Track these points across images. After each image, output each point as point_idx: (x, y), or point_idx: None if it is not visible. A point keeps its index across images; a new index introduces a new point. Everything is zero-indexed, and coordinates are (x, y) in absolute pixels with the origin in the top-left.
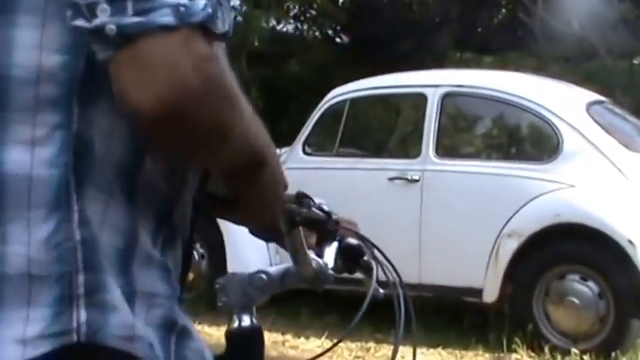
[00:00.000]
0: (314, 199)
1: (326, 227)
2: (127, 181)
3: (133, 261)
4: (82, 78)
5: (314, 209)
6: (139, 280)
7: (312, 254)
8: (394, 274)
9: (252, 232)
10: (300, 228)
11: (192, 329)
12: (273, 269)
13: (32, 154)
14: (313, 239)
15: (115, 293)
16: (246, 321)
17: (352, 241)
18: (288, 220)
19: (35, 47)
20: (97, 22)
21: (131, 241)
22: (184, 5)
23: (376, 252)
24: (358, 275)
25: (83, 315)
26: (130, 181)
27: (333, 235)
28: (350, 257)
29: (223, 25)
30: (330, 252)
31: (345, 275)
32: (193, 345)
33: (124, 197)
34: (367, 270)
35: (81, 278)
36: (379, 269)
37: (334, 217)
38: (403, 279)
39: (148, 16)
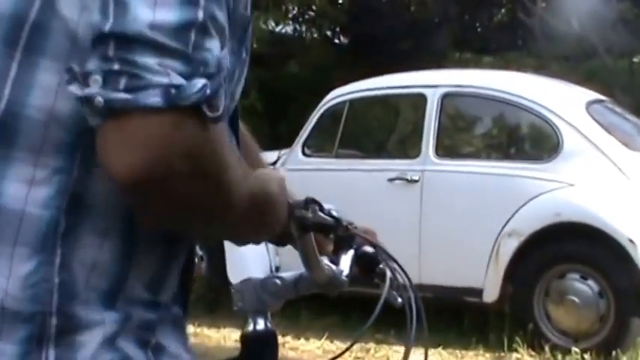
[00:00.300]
0: (323, 204)
1: (336, 233)
2: (125, 227)
3: (119, 298)
4: (89, 127)
5: (323, 215)
6: (122, 311)
7: (325, 260)
8: (407, 283)
9: None
10: (312, 234)
11: (168, 346)
12: (287, 275)
13: (28, 193)
14: (331, 247)
15: (84, 332)
16: (260, 325)
17: (368, 249)
18: (299, 226)
19: (52, 91)
20: (87, 91)
21: (119, 284)
22: (177, 87)
23: (390, 260)
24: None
25: (52, 355)
26: (131, 226)
27: (350, 244)
28: (366, 265)
29: (221, 104)
30: (346, 260)
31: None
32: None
33: (120, 243)
34: (383, 278)
35: (54, 320)
36: (394, 276)
37: (344, 222)
38: None
39: (136, 94)
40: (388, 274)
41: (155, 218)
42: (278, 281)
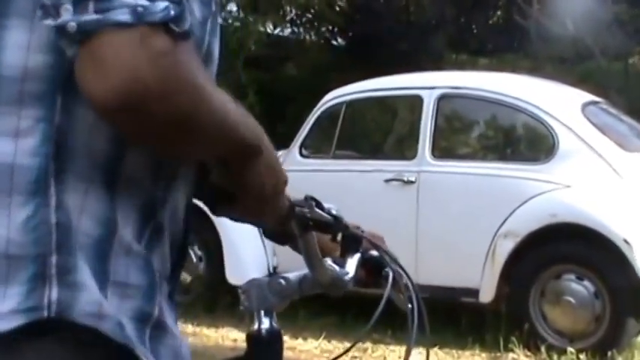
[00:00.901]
0: (323, 203)
1: (336, 232)
2: (108, 173)
3: (110, 250)
4: (65, 75)
5: (321, 212)
6: (113, 270)
7: (329, 261)
8: (411, 286)
9: (266, 235)
10: (313, 233)
11: (169, 325)
12: (291, 275)
13: (16, 145)
14: (338, 250)
15: (85, 274)
16: (266, 324)
17: (375, 253)
18: (300, 224)
19: (23, 48)
20: (59, 20)
21: (109, 231)
22: (142, 6)
23: (394, 263)
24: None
25: (54, 293)
26: (111, 173)
27: (357, 247)
28: (372, 268)
29: (186, 24)
30: (353, 262)
31: None
32: (168, 341)
33: (105, 188)
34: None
35: (54, 259)
36: (398, 279)
37: (344, 221)
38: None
39: (106, 14)
40: (391, 276)
41: (133, 136)
42: (283, 281)
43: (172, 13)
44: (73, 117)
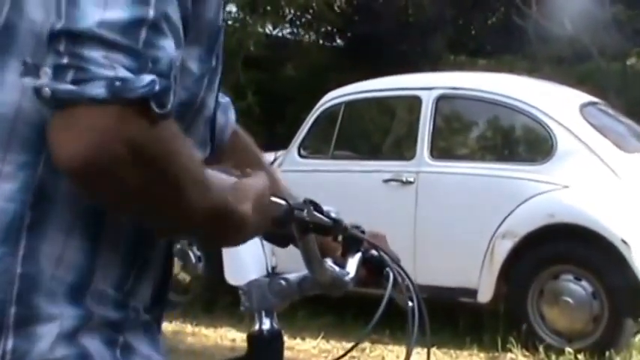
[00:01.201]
0: (322, 206)
1: (337, 234)
2: (91, 226)
3: (86, 294)
4: None
5: (320, 215)
6: (91, 308)
7: (329, 262)
8: (411, 286)
9: (265, 237)
10: (313, 235)
11: (138, 348)
12: (292, 275)
13: None
14: (339, 250)
15: (44, 325)
16: (266, 325)
17: (376, 253)
18: (299, 227)
19: (18, 89)
20: (37, 83)
21: (86, 278)
22: (122, 79)
23: (394, 263)
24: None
25: (10, 343)
26: (94, 225)
27: (357, 247)
28: (373, 268)
29: (169, 102)
30: (353, 262)
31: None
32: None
33: (86, 239)
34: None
35: (12, 310)
36: (397, 279)
37: (344, 223)
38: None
39: (81, 86)
40: (391, 276)
41: (111, 206)
42: (283, 282)
43: (157, 88)
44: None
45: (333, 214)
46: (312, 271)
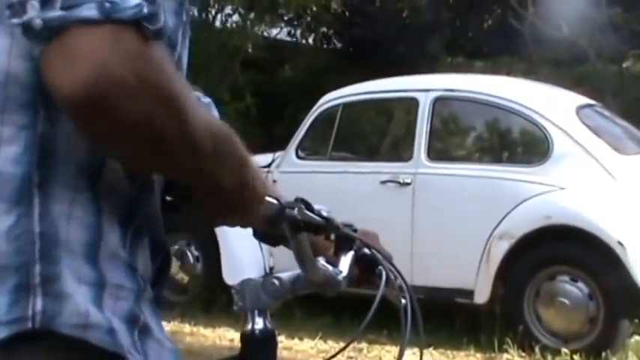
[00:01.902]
0: (313, 205)
1: (328, 232)
2: (92, 180)
3: (99, 255)
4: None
5: (311, 214)
6: (107, 273)
7: (321, 261)
8: (404, 285)
9: (256, 236)
10: (305, 234)
11: (153, 329)
12: (285, 275)
13: None
14: (332, 249)
15: (71, 284)
16: (260, 324)
17: (368, 251)
18: (291, 226)
19: (5, 53)
20: (25, 17)
21: (97, 236)
22: (111, 1)
23: (386, 261)
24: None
25: (39, 303)
26: (94, 180)
27: (350, 245)
28: (366, 267)
29: (159, 23)
30: (346, 261)
31: None
32: (153, 345)
33: (90, 195)
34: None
35: (37, 269)
36: (390, 278)
37: (335, 222)
38: None
39: (72, 10)
40: (384, 274)
41: (99, 137)
42: (276, 281)
43: (145, 11)
44: (57, 125)
45: (324, 213)
46: (304, 270)
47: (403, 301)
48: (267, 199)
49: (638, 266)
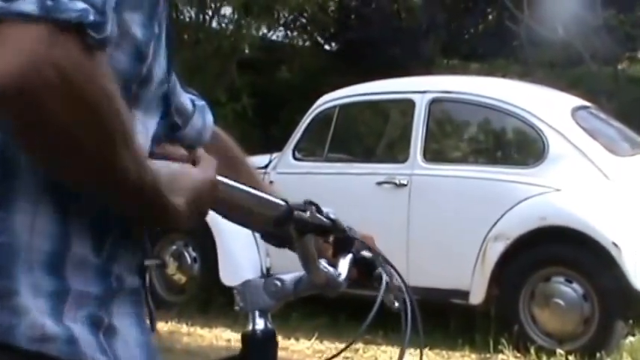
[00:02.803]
0: (321, 207)
1: (335, 235)
2: (56, 190)
3: (64, 263)
4: None
5: (321, 217)
6: (72, 281)
7: (323, 262)
8: (403, 286)
9: (264, 238)
10: (311, 236)
11: (120, 328)
12: (287, 276)
13: None
14: (330, 251)
15: (28, 296)
16: (260, 325)
17: (366, 253)
18: (298, 228)
19: None
20: None
21: (62, 246)
22: (54, 0)
23: (385, 263)
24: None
25: None
26: (60, 191)
27: (348, 248)
28: (364, 269)
29: (104, 33)
30: (345, 263)
31: None
32: (120, 344)
33: (54, 205)
34: (380, 281)
35: None
36: (389, 280)
37: (342, 225)
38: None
39: (11, 3)
40: (384, 277)
41: (34, 148)
42: (278, 282)
43: (91, 18)
44: None
45: (332, 215)
46: (308, 271)
47: (396, 304)
48: (275, 200)
49: (633, 267)
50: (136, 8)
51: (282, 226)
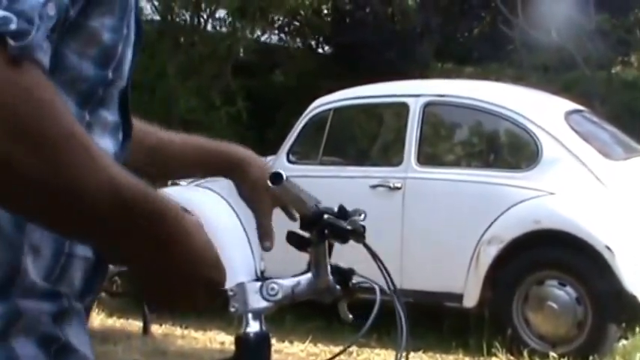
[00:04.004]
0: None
1: (356, 241)
2: (13, 223)
3: (13, 289)
4: None
5: (344, 223)
6: (21, 305)
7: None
8: (392, 287)
9: (289, 241)
10: (327, 242)
11: (76, 346)
12: (285, 280)
13: None
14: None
15: None
16: (255, 327)
17: (340, 264)
18: (323, 232)
19: None
20: None
21: (12, 273)
22: None
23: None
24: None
25: None
26: (16, 222)
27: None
28: (340, 278)
29: (36, 49)
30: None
31: None
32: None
33: (12, 235)
34: (355, 292)
35: None
36: (371, 280)
37: (362, 231)
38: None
39: None
40: (377, 288)
41: None
42: (275, 286)
43: (13, 27)
44: None
45: (361, 222)
46: (316, 275)
47: (377, 305)
48: (303, 197)
49: (626, 271)
50: (107, 12)
51: (308, 227)
